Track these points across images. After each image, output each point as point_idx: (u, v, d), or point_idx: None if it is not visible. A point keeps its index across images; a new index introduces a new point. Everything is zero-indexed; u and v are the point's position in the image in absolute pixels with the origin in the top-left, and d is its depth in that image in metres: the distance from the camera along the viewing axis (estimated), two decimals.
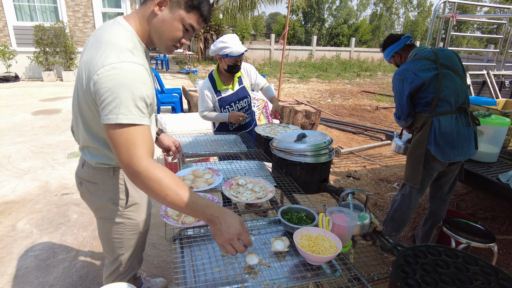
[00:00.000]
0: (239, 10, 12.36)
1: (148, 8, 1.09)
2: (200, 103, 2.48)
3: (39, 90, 8.01)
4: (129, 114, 0.96)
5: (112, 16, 9.78)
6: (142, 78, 1.00)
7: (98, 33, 1.10)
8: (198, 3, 1.08)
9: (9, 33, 9.14)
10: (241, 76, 2.53)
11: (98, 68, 0.97)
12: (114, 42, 1.02)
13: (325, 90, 9.74)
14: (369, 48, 19.62)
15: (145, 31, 1.11)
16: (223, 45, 2.25)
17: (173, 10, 1.07)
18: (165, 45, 1.13)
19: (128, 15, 1.13)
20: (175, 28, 1.09)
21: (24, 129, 5.14)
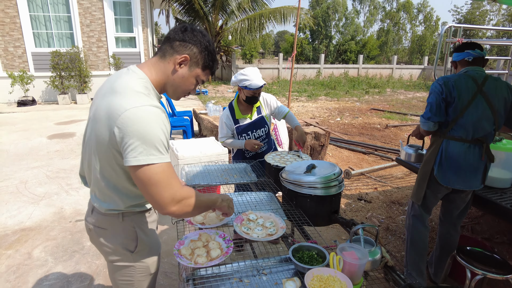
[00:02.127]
0: (247, 31, 12.64)
1: (167, 64, 1.19)
2: (220, 130, 2.63)
3: (54, 113, 8.25)
4: (157, 153, 1.03)
5: (125, 41, 10.12)
6: (162, 119, 1.08)
7: (113, 80, 1.17)
8: (212, 63, 1.25)
9: (27, 59, 9.53)
10: (260, 106, 2.61)
11: (121, 113, 1.03)
12: (131, 88, 1.09)
13: (334, 108, 9.78)
14: (377, 65, 19.69)
15: (160, 82, 1.20)
16: (243, 77, 2.37)
17: (192, 68, 1.20)
18: (177, 95, 1.27)
19: (141, 64, 1.21)
20: (191, 83, 1.24)
21: (40, 154, 5.29)
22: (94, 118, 1.13)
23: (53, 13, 9.53)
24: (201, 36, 1.21)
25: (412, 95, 13.29)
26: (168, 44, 1.20)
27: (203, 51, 1.20)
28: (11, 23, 9.23)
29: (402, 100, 11.95)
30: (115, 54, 9.74)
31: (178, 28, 1.23)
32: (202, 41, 1.20)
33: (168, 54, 1.18)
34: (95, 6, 9.56)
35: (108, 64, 9.95)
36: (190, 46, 1.18)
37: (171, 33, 1.22)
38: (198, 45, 1.19)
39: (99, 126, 1.09)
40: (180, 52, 1.17)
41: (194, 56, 1.19)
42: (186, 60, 1.17)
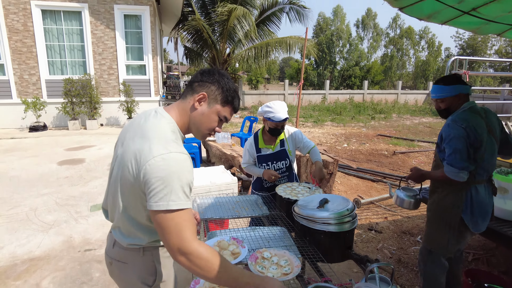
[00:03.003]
0: (254, 59, 12.95)
1: (188, 103, 1.26)
2: (243, 155, 2.75)
3: (64, 139, 8.39)
4: (178, 200, 1.06)
5: (135, 68, 10.42)
6: (188, 166, 1.12)
7: (141, 123, 1.21)
8: (231, 99, 1.29)
9: (41, 86, 9.82)
10: (284, 139, 2.66)
11: (149, 159, 1.08)
12: (160, 134, 1.14)
13: (341, 134, 9.81)
14: (383, 90, 19.90)
15: (184, 122, 1.26)
16: (268, 109, 2.49)
17: (211, 105, 1.26)
18: (201, 134, 1.31)
19: (168, 107, 1.28)
20: (212, 120, 1.27)
21: (50, 180, 5.34)
22: (122, 159, 1.17)
23: (68, 42, 9.90)
24: (218, 75, 1.28)
25: (418, 120, 13.32)
26: (189, 87, 1.28)
27: (220, 87, 1.26)
28: (28, 52, 9.59)
29: (409, 125, 11.97)
30: (125, 81, 10.00)
31: (197, 72, 1.32)
32: (219, 79, 1.27)
33: (188, 95, 1.26)
34: (107, 35, 9.93)
35: (118, 90, 10.19)
36: (207, 84, 1.25)
37: (191, 78, 1.31)
38: (216, 83, 1.26)
39: (127, 168, 1.13)
40: (198, 91, 1.25)
41: (212, 93, 1.25)
42: (204, 97, 1.24)
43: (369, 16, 45.22)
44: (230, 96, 1.28)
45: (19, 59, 9.59)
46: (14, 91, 9.71)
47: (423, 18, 2.27)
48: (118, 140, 1.30)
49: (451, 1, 2.05)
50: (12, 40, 9.46)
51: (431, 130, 11.21)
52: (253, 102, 15.80)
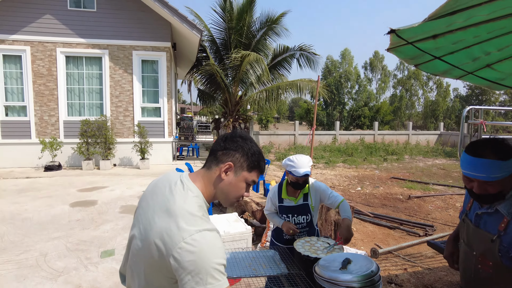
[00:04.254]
0: (265, 101, 13.26)
1: (214, 173, 1.22)
2: (266, 202, 2.72)
3: (78, 179, 8.48)
4: (215, 281, 1.00)
5: (150, 110, 10.74)
6: (219, 243, 1.06)
7: (166, 196, 1.15)
8: (258, 163, 1.26)
9: (59, 127, 10.14)
10: (308, 194, 2.59)
11: (178, 242, 1.01)
12: (187, 210, 1.08)
13: (353, 177, 9.68)
14: (393, 131, 19.91)
15: (211, 193, 1.23)
16: (290, 163, 2.46)
17: (238, 173, 1.23)
18: (230, 202, 1.28)
19: (193, 177, 1.23)
20: (240, 187, 1.24)
21: (62, 222, 5.32)
22: (147, 236, 1.11)
23: (87, 85, 10.36)
24: (242, 141, 1.25)
25: (432, 162, 13.12)
26: (213, 155, 1.25)
27: (245, 154, 1.23)
28: (50, 95, 10.04)
29: (422, 167, 11.78)
30: (140, 122, 10.26)
31: (219, 138, 1.30)
32: (243, 145, 1.24)
33: (213, 165, 1.23)
34: (125, 79, 10.37)
35: (133, 132, 10.44)
36: (232, 152, 1.22)
37: (214, 145, 1.29)
38: (240, 150, 1.23)
39: (153, 247, 1.07)
40: (223, 161, 1.21)
41: (238, 161, 1.22)
42: (230, 167, 1.21)
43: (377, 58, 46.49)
44: (255, 160, 1.25)
45: (41, 101, 10.01)
46: (33, 131, 10.03)
47: (438, 74, 2.31)
48: (140, 206, 1.24)
49: (465, 59, 2.10)
50: (36, 84, 9.95)
51: (445, 172, 10.99)
52: (264, 142, 15.91)
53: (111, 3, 10.10)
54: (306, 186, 2.55)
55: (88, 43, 10.11)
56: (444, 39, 1.74)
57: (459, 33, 1.70)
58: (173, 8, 9.68)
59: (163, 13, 9.91)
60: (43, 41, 9.89)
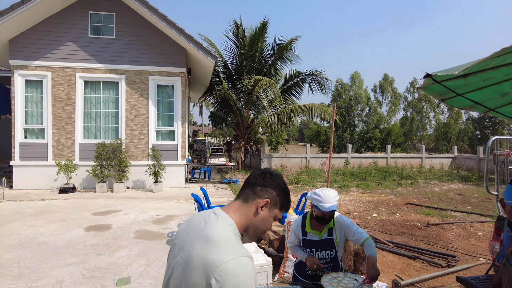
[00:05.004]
0: (277, 124, 13.34)
1: (250, 207, 1.30)
2: (289, 234, 2.67)
3: (92, 202, 8.52)
4: None
5: (164, 134, 10.88)
6: (254, 268, 1.14)
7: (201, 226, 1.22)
8: (288, 204, 1.38)
9: (75, 149, 10.33)
10: (333, 228, 2.53)
11: (219, 265, 1.07)
12: (225, 236, 1.16)
13: (368, 202, 9.51)
14: (406, 154, 19.66)
15: (244, 225, 1.29)
16: (316, 197, 2.42)
17: (271, 210, 1.33)
18: (257, 235, 1.35)
19: (226, 208, 1.30)
20: (269, 223, 1.35)
21: (77, 248, 5.31)
22: (187, 265, 1.15)
23: (104, 109, 10.62)
24: (279, 180, 1.36)
25: (447, 186, 12.84)
26: (250, 189, 1.33)
27: (281, 193, 1.34)
28: (67, 118, 10.29)
29: (438, 192, 11.53)
30: (155, 146, 10.39)
31: (258, 174, 1.37)
32: (279, 185, 1.34)
33: (250, 198, 1.31)
34: (141, 103, 10.60)
35: (147, 155, 10.55)
36: (270, 190, 1.31)
37: (252, 179, 1.36)
38: (277, 189, 1.33)
39: (194, 275, 1.11)
40: (261, 196, 1.30)
41: (274, 199, 1.32)
42: (267, 203, 1.30)
43: (387, 81, 46.69)
44: (287, 201, 1.36)
45: (58, 124, 10.27)
46: (50, 154, 10.22)
47: (465, 108, 2.30)
48: (176, 244, 1.28)
49: (494, 94, 2.09)
50: (55, 107, 10.24)
51: (462, 198, 10.72)
52: (275, 165, 15.87)
53: (129, 30, 10.50)
54: (330, 221, 2.49)
55: (106, 69, 10.44)
56: (475, 77, 1.75)
57: (490, 72, 1.71)
58: (189, 35, 9.99)
59: (179, 40, 10.23)
60: (63, 66, 10.26)
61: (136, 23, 10.52)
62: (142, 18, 10.52)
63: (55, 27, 10.13)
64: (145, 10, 9.80)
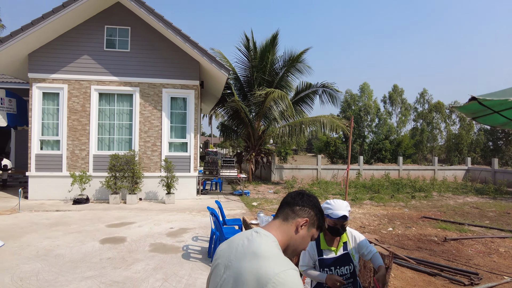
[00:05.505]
0: (288, 136, 13.33)
1: (290, 225, 1.36)
2: (302, 257, 2.57)
3: (105, 214, 8.56)
4: None
5: (177, 145, 10.96)
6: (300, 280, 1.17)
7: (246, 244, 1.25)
8: (324, 224, 1.46)
9: (89, 161, 10.44)
10: (347, 242, 2.55)
11: (271, 276, 1.12)
12: (272, 251, 1.21)
13: (383, 216, 9.36)
14: (419, 166, 19.40)
15: (285, 243, 1.35)
16: (327, 206, 2.45)
17: (309, 229, 1.40)
18: (294, 254, 1.40)
19: (267, 227, 1.36)
20: (307, 242, 1.41)
21: (93, 261, 5.31)
22: (236, 281, 1.18)
23: (118, 121, 10.76)
24: (315, 201, 1.44)
25: (462, 200, 12.58)
26: (289, 208, 1.40)
27: (318, 213, 1.42)
28: (82, 130, 10.45)
29: (453, 206, 11.30)
30: (168, 157, 10.45)
31: (295, 194, 1.46)
32: (316, 205, 1.43)
33: (290, 217, 1.38)
34: (154, 115, 10.73)
35: (160, 166, 10.61)
36: (308, 210, 1.40)
37: (289, 199, 1.44)
38: (314, 209, 1.41)
39: None
40: (301, 216, 1.37)
41: (312, 218, 1.40)
42: (307, 222, 1.37)
43: (396, 92, 46.50)
44: (323, 221, 1.44)
45: (73, 136, 10.42)
46: (65, 165, 10.36)
47: (496, 126, 2.27)
48: (219, 264, 1.29)
49: None
50: (70, 119, 10.41)
51: (479, 211, 10.48)
52: (286, 176, 15.79)
53: (144, 44, 10.71)
54: (344, 233, 2.50)
55: (121, 81, 10.62)
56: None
57: None
58: (202, 49, 10.13)
59: (193, 53, 10.38)
60: (79, 79, 10.47)
61: (151, 37, 10.73)
62: (156, 32, 10.73)
63: (72, 41, 10.38)
64: (160, 24, 9.99)
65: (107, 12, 10.60)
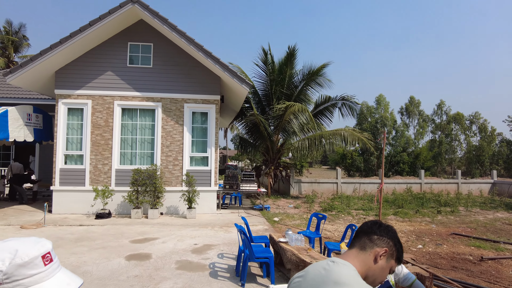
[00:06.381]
0: (308, 149, 13.18)
1: (369, 255, 1.32)
2: None
3: (128, 229, 8.54)
4: None
5: (198, 160, 10.96)
6: None
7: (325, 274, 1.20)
8: (402, 256, 1.40)
9: (111, 175, 10.53)
10: None
11: None
12: (355, 278, 1.17)
13: (410, 232, 9.04)
14: (441, 179, 18.82)
15: (363, 273, 1.30)
16: None
17: (388, 260, 1.35)
18: (374, 285, 1.34)
19: (344, 256, 1.34)
20: (386, 274, 1.36)
21: (121, 278, 5.25)
22: None
23: (140, 136, 10.87)
24: (394, 231, 1.41)
25: (492, 215, 12.07)
26: (366, 237, 1.36)
27: (397, 244, 1.37)
28: (105, 144, 10.59)
29: (484, 222, 10.83)
30: (189, 172, 10.44)
31: (372, 223, 1.42)
32: (395, 236, 1.39)
33: (368, 247, 1.34)
34: (176, 130, 10.79)
35: (181, 181, 10.61)
36: (387, 240, 1.35)
37: (366, 228, 1.40)
38: (393, 239, 1.37)
39: None
40: (379, 245, 1.33)
41: (391, 249, 1.35)
42: (386, 252, 1.32)
43: (413, 103, 45.85)
44: (402, 253, 1.39)
45: (96, 151, 10.57)
46: (88, 179, 10.47)
47: None
48: None
49: None
50: (93, 134, 10.58)
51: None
52: (305, 190, 15.56)
53: (166, 59, 10.88)
54: None
55: (143, 97, 10.77)
56: None
57: None
58: (224, 64, 10.22)
59: (214, 68, 10.48)
60: (103, 95, 10.67)
61: (173, 53, 10.91)
62: (178, 48, 10.90)
63: (97, 58, 10.64)
64: (182, 41, 10.15)
65: (130, 29, 10.86)
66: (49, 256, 1.08)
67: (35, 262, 1.03)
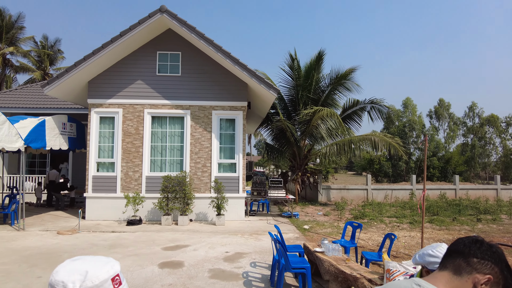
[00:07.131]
0: (336, 155, 12.89)
1: (466, 282, 1.11)
2: None
3: (159, 236, 8.60)
4: None
5: (226, 166, 10.95)
6: None
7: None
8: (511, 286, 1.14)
9: (141, 182, 10.69)
10: None
11: None
12: None
13: (448, 241, 8.52)
14: (478, 185, 17.88)
15: None
16: (433, 259, 1.94)
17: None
18: None
19: (431, 279, 1.15)
20: None
21: (155, 287, 5.24)
22: None
23: (169, 143, 11.00)
24: (500, 252, 1.16)
25: None
26: (463, 260, 1.14)
27: (504, 270, 1.12)
28: (135, 152, 10.79)
29: None
30: (217, 178, 10.44)
31: (470, 242, 1.18)
32: (502, 259, 1.13)
33: (464, 271, 1.12)
34: (204, 137, 10.85)
35: (209, 187, 10.62)
36: (491, 264, 1.11)
37: (462, 247, 1.17)
38: (500, 264, 1.12)
39: None
40: (480, 271, 1.11)
41: (496, 276, 1.11)
42: (489, 281, 1.09)
43: (442, 106, 44.24)
44: (511, 280, 1.13)
45: (127, 158, 10.78)
46: (119, 186, 10.68)
47: None
48: None
49: None
50: (124, 142, 10.81)
51: None
52: (334, 197, 15.20)
53: (194, 67, 11.00)
54: None
55: (172, 104, 10.92)
56: None
57: None
58: (251, 70, 10.19)
59: (241, 75, 10.48)
60: (133, 103, 10.91)
61: (200, 61, 11.01)
62: (206, 56, 11.00)
63: (127, 67, 10.92)
64: (210, 49, 10.23)
65: (159, 39, 11.08)
66: (118, 279, 1.01)
67: (104, 286, 0.97)
